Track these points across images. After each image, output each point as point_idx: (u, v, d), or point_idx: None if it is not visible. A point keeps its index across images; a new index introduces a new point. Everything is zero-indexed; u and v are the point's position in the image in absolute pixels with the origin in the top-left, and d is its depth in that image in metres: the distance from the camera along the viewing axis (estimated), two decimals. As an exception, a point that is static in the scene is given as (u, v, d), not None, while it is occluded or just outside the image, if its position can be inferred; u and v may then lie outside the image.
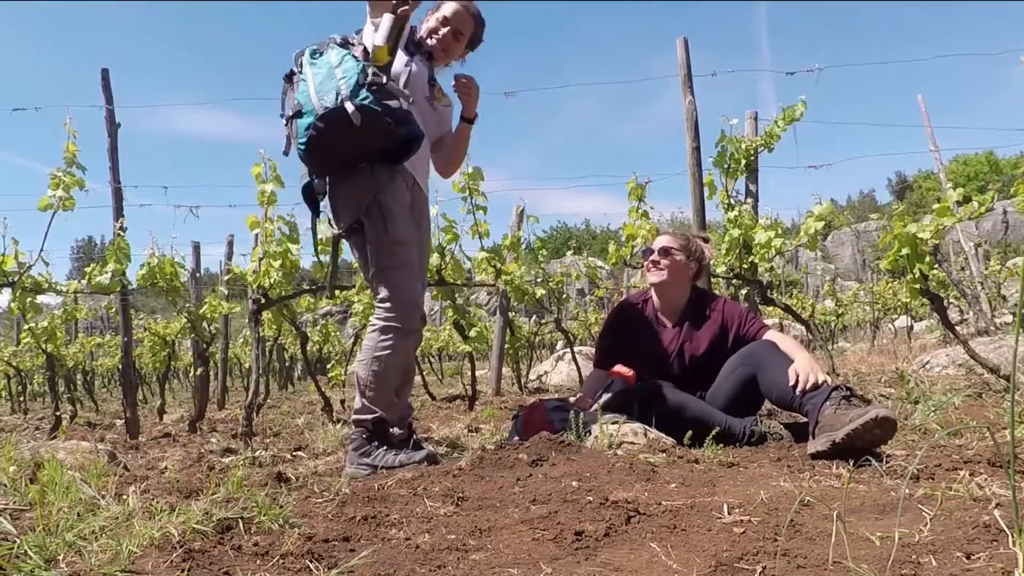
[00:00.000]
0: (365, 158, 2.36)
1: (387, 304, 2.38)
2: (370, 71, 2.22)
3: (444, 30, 2.66)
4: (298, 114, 2.27)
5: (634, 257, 4.79)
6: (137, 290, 4.00)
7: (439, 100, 2.70)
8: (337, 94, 2.19)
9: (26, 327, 4.75)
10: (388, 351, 2.37)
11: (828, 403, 2.22)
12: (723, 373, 2.73)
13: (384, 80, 2.24)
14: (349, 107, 2.17)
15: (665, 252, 2.93)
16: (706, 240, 3.13)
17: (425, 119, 2.59)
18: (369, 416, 2.39)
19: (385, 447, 2.36)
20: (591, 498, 1.63)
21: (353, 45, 2.36)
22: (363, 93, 2.19)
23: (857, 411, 2.09)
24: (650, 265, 2.96)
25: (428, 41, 2.68)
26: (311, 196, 2.49)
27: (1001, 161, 46.57)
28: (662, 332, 2.96)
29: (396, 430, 2.48)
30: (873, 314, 12.18)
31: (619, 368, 2.79)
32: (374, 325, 2.41)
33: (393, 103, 2.24)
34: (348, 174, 2.40)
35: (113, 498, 1.66)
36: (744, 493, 1.67)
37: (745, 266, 4.37)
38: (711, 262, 3.30)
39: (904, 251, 3.27)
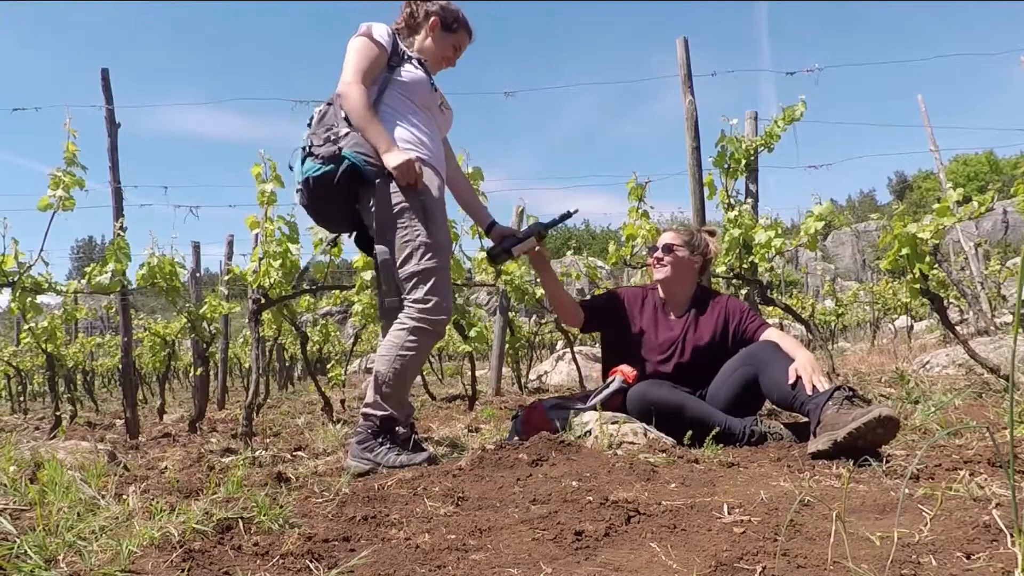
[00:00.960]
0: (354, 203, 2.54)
1: (421, 306, 2.40)
2: (306, 144, 2.46)
3: (455, 57, 2.79)
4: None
5: (634, 257, 4.79)
6: (137, 290, 4.00)
7: (445, 105, 2.77)
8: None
9: (26, 327, 4.76)
10: (413, 352, 2.39)
11: (831, 403, 2.22)
12: (723, 373, 2.73)
13: (309, 144, 2.44)
14: (295, 197, 2.48)
15: (668, 249, 2.94)
16: (711, 233, 3.11)
17: (439, 125, 2.68)
18: (380, 412, 2.40)
19: (389, 445, 2.37)
20: (591, 498, 1.63)
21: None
22: (306, 165, 2.44)
23: (860, 410, 2.09)
24: (655, 262, 2.97)
25: (434, 64, 2.76)
26: (364, 242, 2.70)
27: (1001, 161, 46.63)
28: (666, 322, 2.98)
29: (400, 428, 2.49)
30: (873, 314, 12.19)
31: (621, 367, 2.80)
32: (403, 324, 2.41)
33: (324, 150, 2.39)
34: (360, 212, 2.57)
35: (113, 498, 1.67)
36: (744, 493, 1.67)
37: (745, 266, 4.36)
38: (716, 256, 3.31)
39: (904, 251, 3.27)
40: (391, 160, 2.35)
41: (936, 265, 3.38)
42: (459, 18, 2.71)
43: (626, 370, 2.79)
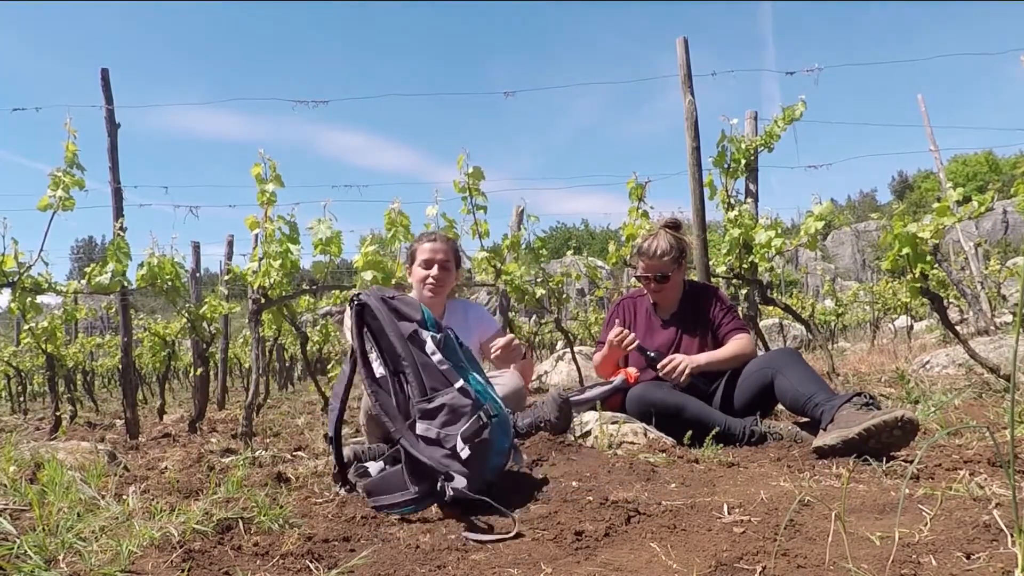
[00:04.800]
0: None
1: None
2: None
3: (431, 272, 2.82)
4: None
5: (633, 257, 4.79)
6: (137, 290, 3.99)
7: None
8: None
9: (26, 327, 4.75)
10: None
11: (849, 404, 2.20)
12: (739, 377, 2.73)
13: None
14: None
15: (665, 278, 2.93)
16: (677, 226, 3.04)
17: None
18: None
19: None
20: (591, 498, 1.63)
21: None
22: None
23: (879, 410, 2.07)
24: (649, 289, 2.99)
25: (425, 293, 2.86)
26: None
27: (1001, 161, 46.62)
28: (659, 325, 3.01)
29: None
30: (873, 314, 12.17)
31: (626, 368, 2.83)
32: None
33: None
34: None
35: (113, 498, 1.66)
36: (744, 493, 1.67)
37: (745, 266, 4.36)
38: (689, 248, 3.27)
39: (904, 251, 3.27)
40: None
41: (936, 265, 3.38)
42: (411, 247, 2.91)
43: (630, 371, 2.81)
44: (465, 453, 1.62)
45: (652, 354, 2.80)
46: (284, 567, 1.28)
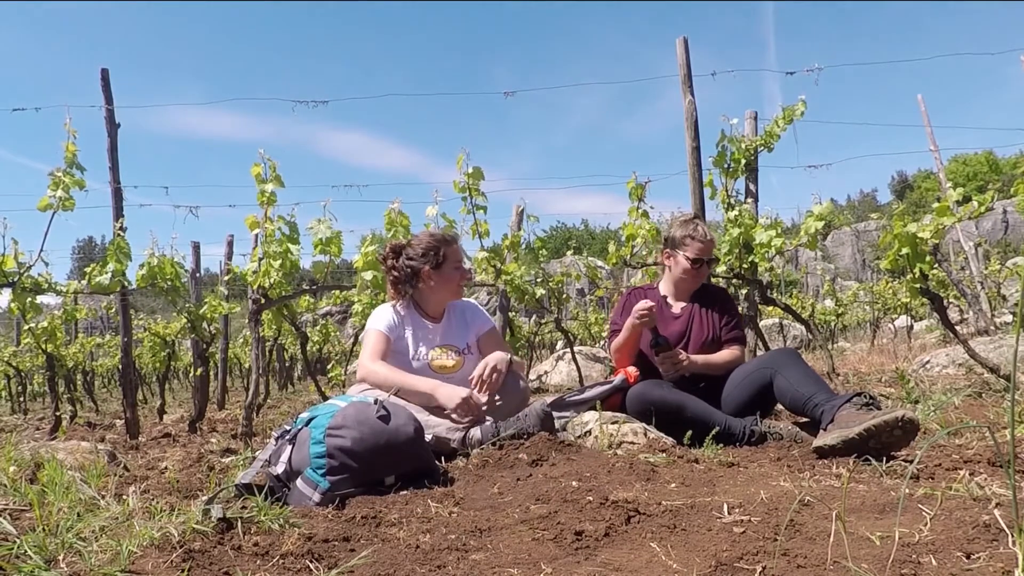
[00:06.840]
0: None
1: None
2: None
3: (462, 274, 2.86)
4: None
5: (634, 257, 4.79)
6: (137, 290, 3.99)
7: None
8: None
9: (26, 327, 4.75)
10: None
11: (849, 405, 2.19)
12: (736, 376, 2.73)
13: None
14: None
15: (714, 262, 3.05)
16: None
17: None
18: None
19: None
20: (591, 498, 1.63)
21: None
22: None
23: (879, 410, 2.06)
24: (699, 275, 3.01)
25: (455, 293, 2.86)
26: None
27: (1001, 161, 46.58)
28: (671, 314, 3.03)
29: None
30: (873, 314, 12.18)
31: (624, 369, 2.83)
32: None
33: None
34: None
35: (113, 498, 1.67)
36: (744, 493, 1.67)
37: (745, 266, 4.36)
38: None
39: (904, 250, 3.27)
40: (444, 399, 2.49)
41: (936, 265, 3.38)
42: (436, 249, 2.77)
43: (630, 370, 2.81)
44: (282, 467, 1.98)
45: (662, 339, 2.81)
46: (284, 567, 1.28)
